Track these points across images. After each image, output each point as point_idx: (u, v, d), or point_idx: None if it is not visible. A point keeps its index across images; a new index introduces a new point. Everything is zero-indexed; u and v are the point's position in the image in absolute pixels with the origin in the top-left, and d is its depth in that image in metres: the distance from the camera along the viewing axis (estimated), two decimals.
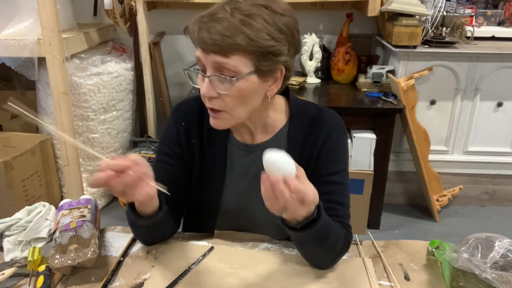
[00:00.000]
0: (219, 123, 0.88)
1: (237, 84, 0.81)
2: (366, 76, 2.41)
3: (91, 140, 2.43)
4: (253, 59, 0.80)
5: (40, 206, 1.03)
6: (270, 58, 0.82)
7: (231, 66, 0.79)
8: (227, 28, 0.77)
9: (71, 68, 2.24)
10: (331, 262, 0.90)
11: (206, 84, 0.82)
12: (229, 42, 0.77)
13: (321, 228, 0.80)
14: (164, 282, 0.85)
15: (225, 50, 0.78)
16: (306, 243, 0.85)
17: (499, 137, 2.44)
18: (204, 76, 0.83)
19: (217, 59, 0.79)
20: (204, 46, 0.79)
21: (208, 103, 0.86)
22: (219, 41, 0.77)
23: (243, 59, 0.80)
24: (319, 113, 0.98)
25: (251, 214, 1.01)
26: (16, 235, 0.96)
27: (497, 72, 2.29)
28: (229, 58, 0.79)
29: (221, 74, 0.81)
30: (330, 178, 0.93)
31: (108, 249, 0.96)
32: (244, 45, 0.78)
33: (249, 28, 0.78)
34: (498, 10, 2.61)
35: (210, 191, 1.02)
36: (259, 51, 0.80)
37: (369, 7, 2.30)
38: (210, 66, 0.81)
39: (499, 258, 0.77)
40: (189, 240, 0.99)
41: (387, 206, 2.41)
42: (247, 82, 0.82)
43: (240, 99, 0.84)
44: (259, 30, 0.78)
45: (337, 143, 0.96)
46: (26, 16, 2.09)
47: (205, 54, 0.81)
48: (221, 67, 0.80)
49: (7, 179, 2.12)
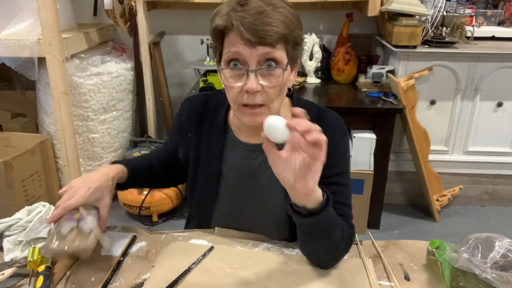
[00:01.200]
0: (258, 119, 0.86)
1: (282, 75, 0.84)
2: (366, 76, 2.41)
3: (91, 140, 2.43)
4: (289, 49, 0.84)
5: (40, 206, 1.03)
6: (297, 48, 0.86)
7: (277, 57, 0.82)
8: (271, 18, 0.79)
9: (71, 68, 2.24)
10: (333, 261, 0.90)
11: (252, 78, 0.82)
12: (277, 32, 0.79)
13: (328, 218, 0.80)
14: (164, 282, 0.84)
15: (273, 41, 0.80)
16: (312, 233, 0.84)
17: (499, 137, 2.44)
18: (249, 71, 0.82)
19: (266, 50, 0.80)
20: (252, 38, 0.79)
21: (250, 99, 0.84)
22: (270, 32, 0.79)
23: (283, 49, 0.83)
24: (322, 114, 0.99)
25: (249, 214, 1.01)
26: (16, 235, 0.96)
27: (497, 72, 2.29)
28: (276, 48, 0.81)
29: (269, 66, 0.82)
30: (333, 179, 0.94)
31: (108, 249, 0.96)
32: (287, 35, 0.81)
33: (286, 17, 0.81)
34: (498, 10, 2.61)
35: (206, 189, 1.02)
36: (294, 40, 0.84)
37: (369, 7, 2.30)
38: (254, 60, 0.81)
39: (499, 258, 0.77)
40: (189, 240, 0.99)
41: (387, 206, 2.41)
42: (286, 73, 0.85)
43: (279, 91, 0.86)
44: (292, 20, 0.82)
45: (340, 144, 0.97)
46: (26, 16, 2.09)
47: (250, 48, 0.80)
48: (266, 59, 0.82)
49: (7, 179, 2.12)
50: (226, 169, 1.01)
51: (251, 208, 1.00)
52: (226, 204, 1.01)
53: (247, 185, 1.00)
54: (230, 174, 1.01)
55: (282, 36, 0.80)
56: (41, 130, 2.46)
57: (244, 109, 0.86)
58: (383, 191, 2.28)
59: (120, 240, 0.99)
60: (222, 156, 1.00)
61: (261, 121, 0.85)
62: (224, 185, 1.01)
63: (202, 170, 1.02)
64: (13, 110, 2.61)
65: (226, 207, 1.01)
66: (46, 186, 2.38)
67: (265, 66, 0.82)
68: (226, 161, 1.01)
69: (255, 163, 0.99)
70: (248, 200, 1.00)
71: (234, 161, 1.00)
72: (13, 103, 2.62)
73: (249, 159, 0.99)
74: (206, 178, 1.02)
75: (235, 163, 1.00)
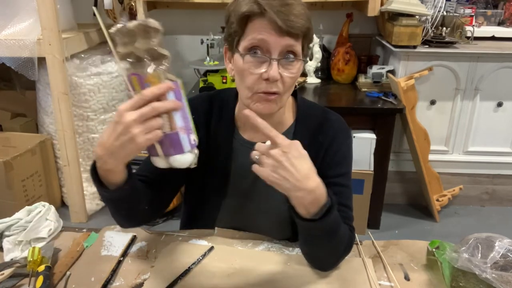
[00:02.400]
0: (272, 106, 0.88)
1: (300, 68, 0.87)
2: (366, 76, 2.41)
3: (91, 140, 2.43)
4: (305, 45, 0.86)
5: (40, 206, 1.03)
6: (309, 43, 0.88)
7: (297, 49, 0.84)
8: (301, 12, 0.82)
9: (71, 68, 2.24)
10: (332, 264, 0.90)
11: (275, 67, 0.83)
12: (305, 26, 0.82)
13: (330, 223, 0.80)
14: (164, 282, 0.85)
15: (299, 33, 0.82)
16: (315, 237, 0.84)
17: (499, 137, 2.44)
18: (273, 59, 0.83)
19: (290, 42, 0.82)
20: (284, 27, 0.80)
21: (269, 86, 0.85)
22: (299, 24, 0.81)
23: (301, 43, 0.85)
24: (326, 116, 1.00)
25: (252, 212, 1.01)
26: (16, 235, 0.96)
27: (497, 72, 2.29)
28: (298, 41, 0.84)
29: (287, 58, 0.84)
30: (335, 180, 0.94)
31: (108, 249, 0.96)
32: (309, 30, 0.84)
33: (308, 14, 0.84)
34: (498, 10, 2.61)
35: (212, 188, 1.02)
36: (310, 35, 0.86)
37: (369, 7, 2.30)
38: (277, 50, 0.83)
39: (499, 258, 0.77)
40: (189, 240, 0.99)
41: (387, 206, 2.40)
42: (302, 65, 0.88)
43: (292, 84, 0.88)
44: (309, 16, 0.84)
45: (343, 146, 0.98)
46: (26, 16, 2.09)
47: (277, 37, 0.81)
48: (288, 50, 0.84)
49: (7, 179, 2.12)
50: (234, 168, 1.01)
51: (255, 207, 1.00)
52: (232, 203, 1.01)
53: (252, 184, 1.00)
54: (237, 173, 1.01)
55: (306, 29, 0.83)
56: (41, 130, 2.46)
57: (258, 96, 0.87)
58: (383, 191, 2.28)
59: (120, 240, 0.99)
60: (230, 154, 1.00)
61: (273, 109, 0.89)
62: (230, 183, 1.01)
63: (211, 169, 1.01)
64: (13, 110, 2.61)
65: (231, 206, 1.01)
66: (46, 186, 2.39)
67: (285, 57, 0.84)
68: (233, 159, 1.01)
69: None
70: (253, 199, 1.00)
71: (240, 160, 1.00)
72: (13, 103, 2.63)
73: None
74: (214, 177, 1.01)
75: (242, 161, 1.00)
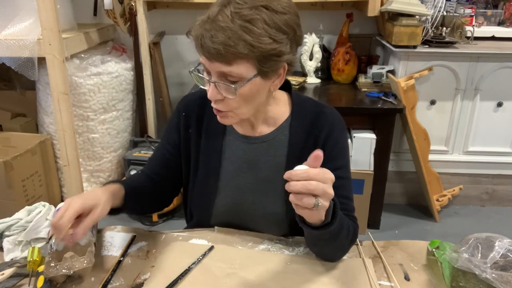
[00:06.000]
0: (226, 121, 0.92)
1: (241, 89, 0.83)
2: (366, 76, 2.41)
3: (91, 140, 2.43)
4: (256, 64, 0.82)
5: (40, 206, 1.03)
6: (273, 59, 0.83)
7: (234, 73, 0.81)
8: (229, 37, 0.78)
9: (71, 68, 2.24)
10: (341, 255, 0.93)
11: (212, 88, 0.84)
12: (231, 52, 0.78)
13: (336, 227, 0.82)
14: (164, 282, 0.85)
15: (228, 59, 0.80)
16: (323, 240, 0.85)
17: (499, 137, 2.44)
18: (209, 81, 0.84)
19: (221, 68, 0.81)
20: (208, 55, 0.81)
21: (214, 104, 0.88)
22: (223, 51, 0.78)
23: (246, 65, 0.81)
24: (320, 109, 1.00)
25: (249, 208, 1.01)
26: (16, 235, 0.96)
27: (497, 72, 2.29)
28: (232, 66, 0.80)
29: (225, 80, 0.83)
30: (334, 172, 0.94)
31: (108, 249, 0.96)
32: (246, 53, 0.79)
33: (251, 35, 0.78)
34: (498, 10, 2.61)
35: (207, 184, 1.02)
36: (262, 55, 0.81)
37: (369, 7, 2.30)
38: (214, 73, 0.83)
39: (499, 258, 0.77)
40: (189, 239, 0.99)
41: (387, 206, 2.40)
42: (251, 85, 0.84)
43: (245, 101, 0.87)
44: (261, 35, 0.79)
45: (339, 138, 0.99)
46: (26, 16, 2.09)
47: (209, 62, 0.82)
48: (225, 74, 0.82)
49: (7, 179, 2.12)
50: (226, 163, 1.02)
51: (250, 202, 1.01)
52: (226, 198, 1.02)
53: (246, 178, 1.01)
54: (230, 168, 1.01)
55: (240, 54, 0.79)
56: (41, 130, 2.46)
57: (215, 112, 0.91)
58: (383, 191, 2.28)
59: (120, 240, 0.99)
60: (222, 150, 1.02)
61: (230, 122, 0.92)
62: (224, 179, 1.02)
63: (203, 165, 1.03)
64: (13, 110, 2.61)
65: (226, 201, 1.02)
66: (46, 186, 2.38)
67: (222, 81, 0.83)
68: (225, 154, 1.02)
69: (254, 155, 1.00)
70: (248, 193, 1.01)
71: (233, 154, 1.01)
72: (13, 103, 2.62)
73: (247, 151, 1.00)
74: (207, 173, 1.03)
75: (235, 156, 1.01)
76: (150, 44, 2.49)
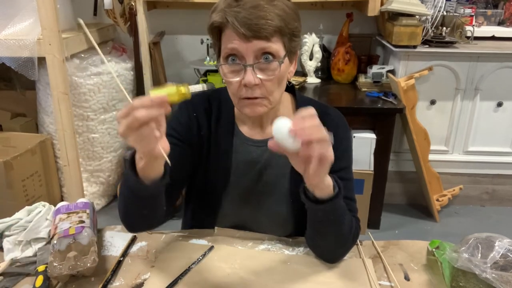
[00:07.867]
0: (258, 110, 0.88)
1: (279, 68, 0.85)
2: (366, 76, 2.41)
3: (91, 140, 2.43)
4: (286, 42, 0.85)
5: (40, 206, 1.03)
6: (295, 40, 0.87)
7: (273, 50, 0.83)
8: (267, 12, 0.80)
9: (71, 68, 2.24)
10: (341, 254, 0.92)
11: (250, 72, 0.83)
12: (271, 25, 0.80)
13: (339, 207, 0.82)
14: (164, 282, 0.85)
15: (269, 33, 0.81)
16: (323, 222, 0.85)
17: (499, 137, 2.44)
18: (247, 65, 0.83)
19: (262, 45, 0.82)
20: (248, 32, 0.80)
21: (249, 92, 0.85)
22: (265, 25, 0.80)
23: (279, 42, 0.84)
24: (324, 111, 1.00)
25: (254, 209, 1.01)
26: (16, 235, 0.96)
27: (497, 72, 2.29)
28: (272, 41, 0.82)
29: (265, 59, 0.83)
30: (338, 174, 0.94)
31: (108, 249, 0.96)
32: (283, 28, 0.82)
33: (281, 10, 0.82)
34: (498, 10, 2.61)
35: (214, 185, 1.02)
36: (290, 32, 0.84)
37: (369, 7, 2.30)
38: (250, 55, 0.83)
39: (499, 258, 0.77)
40: (189, 239, 0.99)
41: (387, 206, 2.40)
42: (284, 65, 0.86)
43: (278, 83, 0.87)
44: (287, 12, 0.83)
45: (343, 140, 0.99)
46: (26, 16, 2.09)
47: (246, 43, 0.81)
48: (263, 53, 0.83)
49: (7, 179, 2.12)
50: (235, 165, 1.01)
51: (256, 204, 1.01)
52: (233, 200, 1.01)
53: (253, 181, 1.00)
54: (238, 170, 1.01)
55: (277, 29, 0.81)
56: (41, 130, 2.46)
57: (243, 101, 0.88)
58: (383, 191, 2.28)
59: (120, 240, 0.99)
60: (232, 151, 1.01)
61: (261, 111, 0.89)
62: (232, 180, 1.01)
63: (213, 166, 1.01)
64: (13, 110, 2.61)
65: (233, 203, 1.02)
66: (46, 186, 2.38)
67: (262, 60, 0.83)
68: (234, 156, 1.01)
69: (261, 159, 1.00)
70: (254, 195, 1.01)
71: (241, 157, 1.01)
72: (13, 103, 2.62)
73: (254, 154, 1.00)
74: (216, 174, 1.01)
75: (242, 158, 1.01)
76: (150, 44, 2.48)
